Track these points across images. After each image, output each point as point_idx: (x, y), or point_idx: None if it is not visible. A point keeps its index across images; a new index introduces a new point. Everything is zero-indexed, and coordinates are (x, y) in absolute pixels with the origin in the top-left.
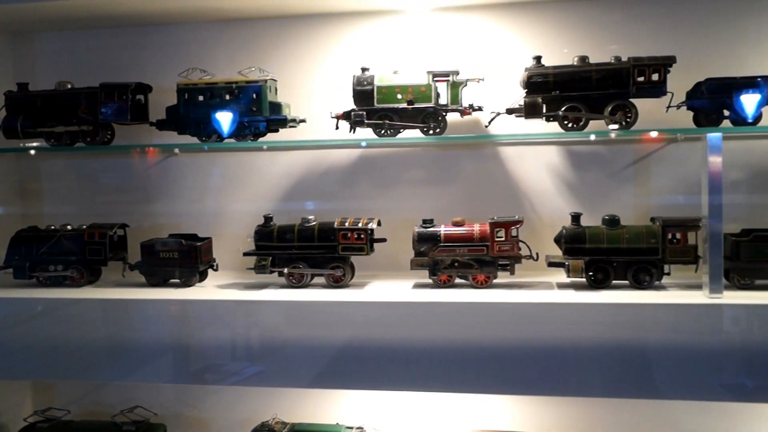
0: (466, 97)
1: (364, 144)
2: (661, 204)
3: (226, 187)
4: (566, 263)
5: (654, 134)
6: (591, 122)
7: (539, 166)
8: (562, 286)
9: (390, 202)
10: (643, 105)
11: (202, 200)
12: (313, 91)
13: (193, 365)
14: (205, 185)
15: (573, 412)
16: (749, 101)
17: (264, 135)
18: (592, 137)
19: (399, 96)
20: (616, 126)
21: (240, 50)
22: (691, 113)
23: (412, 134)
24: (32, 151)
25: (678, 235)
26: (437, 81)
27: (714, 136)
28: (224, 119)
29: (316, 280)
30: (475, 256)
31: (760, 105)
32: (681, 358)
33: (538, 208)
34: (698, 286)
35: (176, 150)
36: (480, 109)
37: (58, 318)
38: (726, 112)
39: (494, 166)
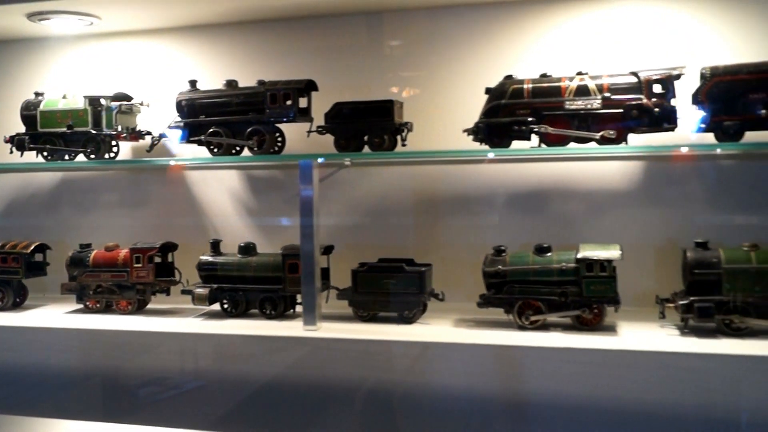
0: (141, 122)
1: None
2: (336, 229)
3: None
4: (193, 293)
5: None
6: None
7: (223, 190)
8: (207, 314)
9: (87, 225)
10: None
11: None
12: None
13: None
14: None
15: None
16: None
17: None
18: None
19: (60, 121)
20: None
21: None
22: None
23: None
24: None
25: (296, 264)
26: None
27: (305, 162)
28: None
29: None
30: (117, 281)
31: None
32: (267, 390)
33: (221, 231)
34: (330, 317)
35: None
36: (149, 132)
37: None
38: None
39: (182, 189)
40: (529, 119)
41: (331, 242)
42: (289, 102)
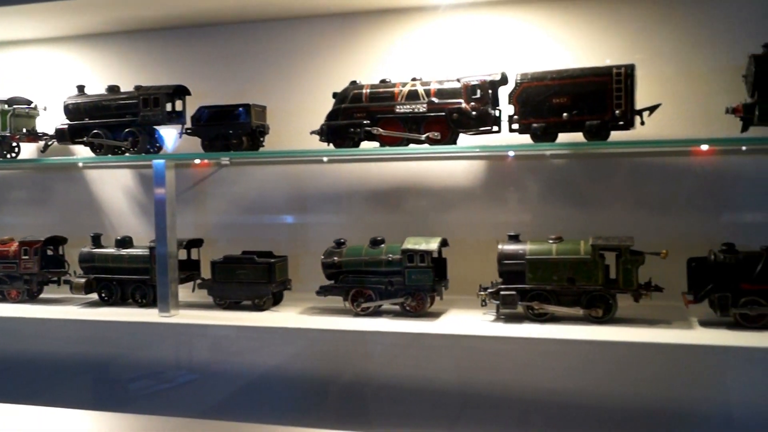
0: (41, 125)
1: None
2: (217, 224)
3: None
4: (71, 282)
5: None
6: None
7: (118, 187)
8: (88, 303)
9: None
10: None
11: None
12: None
13: None
14: None
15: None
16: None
17: None
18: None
19: None
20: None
21: None
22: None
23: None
24: None
25: None
26: None
27: (158, 162)
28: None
29: None
30: (7, 272)
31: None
32: (120, 370)
33: (117, 226)
34: (193, 305)
35: None
36: (45, 134)
37: None
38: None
39: (82, 187)
40: (365, 122)
41: (213, 236)
42: (159, 106)
